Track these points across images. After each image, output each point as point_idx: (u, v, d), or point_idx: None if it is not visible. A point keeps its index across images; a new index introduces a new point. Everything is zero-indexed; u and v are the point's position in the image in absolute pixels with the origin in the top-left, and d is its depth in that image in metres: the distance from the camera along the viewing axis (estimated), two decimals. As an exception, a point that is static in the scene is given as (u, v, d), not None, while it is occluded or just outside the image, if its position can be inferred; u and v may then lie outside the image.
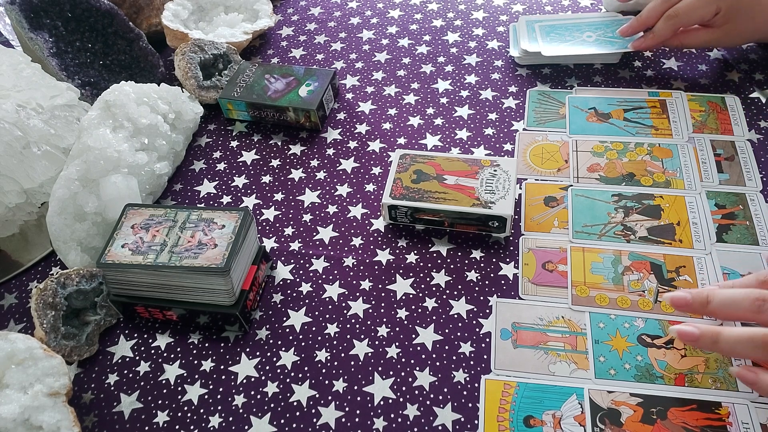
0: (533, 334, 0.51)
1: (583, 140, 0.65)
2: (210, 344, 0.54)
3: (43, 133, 0.61)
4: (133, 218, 0.55)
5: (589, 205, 0.59)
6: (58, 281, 0.53)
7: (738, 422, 0.44)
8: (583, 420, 0.45)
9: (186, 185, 0.68)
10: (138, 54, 0.77)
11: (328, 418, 0.48)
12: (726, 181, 0.59)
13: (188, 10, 0.83)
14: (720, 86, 0.69)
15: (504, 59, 0.77)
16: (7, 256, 0.64)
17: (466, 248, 0.58)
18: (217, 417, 0.49)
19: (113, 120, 0.61)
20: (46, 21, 0.70)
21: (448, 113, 0.71)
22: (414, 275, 0.56)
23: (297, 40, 0.86)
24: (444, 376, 0.50)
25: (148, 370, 0.53)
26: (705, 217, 0.56)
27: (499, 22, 0.83)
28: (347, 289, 0.56)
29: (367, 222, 0.62)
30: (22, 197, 0.61)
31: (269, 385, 0.51)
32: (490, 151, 0.66)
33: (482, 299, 0.54)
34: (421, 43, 0.82)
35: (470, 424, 0.47)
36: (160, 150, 0.65)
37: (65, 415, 0.46)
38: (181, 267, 0.50)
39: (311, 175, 0.67)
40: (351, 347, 0.52)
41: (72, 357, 0.52)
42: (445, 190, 0.57)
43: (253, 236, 0.55)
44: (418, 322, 0.53)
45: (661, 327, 0.50)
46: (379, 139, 0.70)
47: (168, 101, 0.67)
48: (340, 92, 0.76)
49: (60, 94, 0.66)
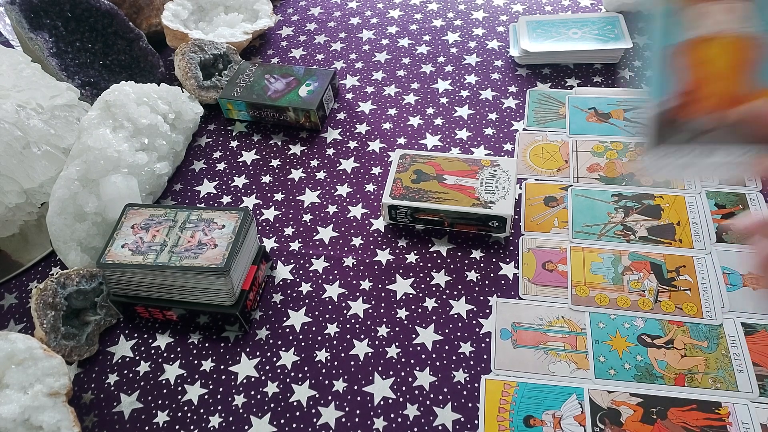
0: (533, 334, 0.51)
1: (583, 140, 0.65)
2: (210, 344, 0.54)
3: (43, 133, 0.61)
4: (133, 218, 0.55)
5: (589, 205, 0.59)
6: (58, 281, 0.53)
7: (738, 422, 0.44)
8: (583, 420, 0.45)
9: (186, 185, 0.68)
10: (138, 54, 0.77)
11: (328, 418, 0.48)
12: (726, 181, 0.59)
13: (188, 10, 0.83)
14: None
15: (504, 59, 0.77)
16: (7, 256, 0.64)
17: (466, 248, 0.58)
18: (217, 417, 0.49)
19: (113, 120, 0.61)
20: (46, 21, 0.70)
21: (448, 113, 0.71)
22: (414, 275, 0.56)
23: (297, 40, 0.86)
24: (444, 376, 0.50)
25: (148, 370, 0.53)
26: (705, 217, 0.56)
27: (499, 22, 0.83)
28: (347, 289, 0.56)
29: (367, 222, 0.62)
30: (22, 197, 0.61)
31: (269, 385, 0.51)
32: (490, 151, 0.66)
33: (482, 299, 0.54)
34: (421, 43, 0.82)
35: (470, 424, 0.47)
36: (160, 150, 0.65)
37: (65, 415, 0.46)
38: (181, 267, 0.50)
39: (311, 175, 0.67)
40: (351, 347, 0.52)
41: (72, 357, 0.52)
42: (445, 190, 0.57)
43: (253, 236, 0.55)
44: (418, 322, 0.53)
45: (661, 327, 0.50)
46: (379, 139, 0.70)
47: (168, 101, 0.67)
48: (340, 92, 0.76)
49: (60, 94, 0.66)
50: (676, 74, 0.31)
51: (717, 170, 0.32)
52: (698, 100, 0.31)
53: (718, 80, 0.30)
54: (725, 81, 0.30)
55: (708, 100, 0.31)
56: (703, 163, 0.31)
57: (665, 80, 0.31)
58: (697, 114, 0.31)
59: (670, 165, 0.32)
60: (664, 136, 0.31)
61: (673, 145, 0.31)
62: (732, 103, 0.30)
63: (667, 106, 0.31)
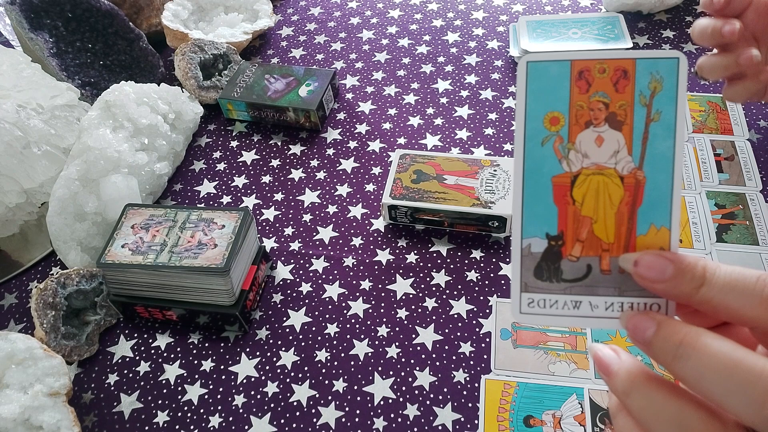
0: (533, 334, 0.51)
1: (583, 140, 0.65)
2: (210, 344, 0.54)
3: (43, 133, 0.61)
4: (133, 218, 0.55)
5: (589, 205, 0.59)
6: (58, 281, 0.53)
7: (738, 422, 0.44)
8: (583, 420, 0.45)
9: (186, 185, 0.68)
10: (138, 54, 0.77)
11: (328, 418, 0.48)
12: (726, 181, 0.59)
13: (188, 10, 0.83)
14: (720, 86, 0.69)
15: (504, 59, 0.77)
16: (7, 256, 0.64)
17: (466, 248, 0.58)
18: (217, 417, 0.49)
19: (113, 120, 0.61)
20: (46, 21, 0.70)
21: (448, 113, 0.71)
22: (414, 275, 0.56)
23: (297, 40, 0.86)
24: (444, 376, 0.50)
25: (148, 370, 0.53)
26: (705, 217, 0.56)
27: (499, 22, 0.83)
28: (347, 289, 0.56)
29: (367, 222, 0.62)
30: (22, 197, 0.61)
31: (269, 385, 0.51)
32: (490, 151, 0.66)
33: (482, 299, 0.54)
34: (421, 43, 0.82)
35: (470, 424, 0.47)
36: (160, 150, 0.65)
37: (65, 415, 0.46)
38: (181, 267, 0.50)
39: (311, 175, 0.67)
40: (351, 347, 0.52)
41: (72, 357, 0.52)
42: (445, 190, 0.57)
43: (253, 236, 0.55)
44: (418, 322, 0.53)
45: (661, 327, 0.50)
46: (379, 139, 0.70)
47: (168, 101, 0.67)
48: (340, 92, 0.76)
49: (60, 94, 0.66)
50: (558, 209, 0.27)
51: (584, 323, 0.28)
52: (573, 241, 0.27)
53: (595, 221, 0.27)
54: (600, 223, 0.27)
55: (583, 242, 0.27)
56: (570, 314, 0.28)
57: (548, 214, 0.28)
58: (570, 256, 0.28)
59: (537, 313, 0.28)
60: (538, 277, 0.28)
61: (544, 292, 0.28)
62: (610, 248, 0.27)
63: (547, 243, 0.28)
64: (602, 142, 0.27)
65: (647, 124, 0.26)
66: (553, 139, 0.27)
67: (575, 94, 0.27)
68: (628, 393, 0.25)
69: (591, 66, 0.27)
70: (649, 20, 0.79)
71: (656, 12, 0.79)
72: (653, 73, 0.26)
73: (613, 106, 0.27)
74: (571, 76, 0.27)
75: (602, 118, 0.27)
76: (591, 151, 0.27)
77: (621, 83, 0.26)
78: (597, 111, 0.27)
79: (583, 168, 0.27)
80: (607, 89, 0.27)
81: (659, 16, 0.79)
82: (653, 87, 0.26)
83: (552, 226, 0.28)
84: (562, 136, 0.27)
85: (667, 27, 0.78)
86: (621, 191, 0.27)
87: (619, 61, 0.26)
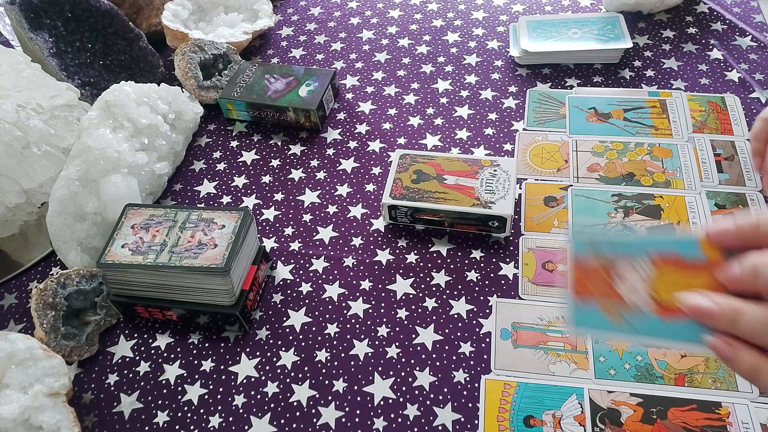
0: (533, 334, 0.51)
1: (583, 140, 0.65)
2: (210, 344, 0.54)
3: (43, 133, 0.61)
4: (133, 218, 0.55)
5: (589, 205, 0.59)
6: (58, 281, 0.53)
7: (738, 422, 0.44)
8: (583, 420, 0.45)
9: (186, 185, 0.68)
10: (138, 54, 0.77)
11: (328, 418, 0.48)
12: (726, 181, 0.59)
13: (188, 10, 0.83)
14: (720, 86, 0.69)
15: (504, 59, 0.77)
16: (7, 256, 0.64)
17: (466, 248, 0.58)
18: (217, 417, 0.49)
19: (113, 120, 0.61)
20: (46, 21, 0.70)
21: (448, 113, 0.71)
22: (414, 275, 0.56)
23: (297, 40, 0.86)
24: (444, 376, 0.50)
25: (148, 370, 0.53)
26: (705, 217, 0.56)
27: (499, 22, 0.83)
28: (347, 289, 0.56)
29: (367, 222, 0.62)
30: (22, 197, 0.61)
31: (269, 385, 0.51)
32: (490, 151, 0.66)
33: (482, 299, 0.54)
34: (421, 43, 0.82)
35: (470, 424, 0.47)
36: (160, 150, 0.65)
37: (65, 415, 0.46)
38: (181, 267, 0.50)
39: (311, 175, 0.67)
40: (351, 347, 0.52)
41: (72, 357, 0.52)
42: (445, 190, 0.57)
43: (253, 236, 0.55)
44: (418, 322, 0.53)
45: (661, 327, 0.50)
46: (379, 139, 0.70)
47: (168, 101, 0.67)
48: (340, 92, 0.76)
49: (60, 94, 0.65)
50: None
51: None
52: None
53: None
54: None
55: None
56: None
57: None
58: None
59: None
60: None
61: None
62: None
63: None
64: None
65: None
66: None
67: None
68: (737, 320, 0.30)
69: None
70: (649, 20, 0.79)
71: (656, 12, 0.79)
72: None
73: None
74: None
75: None
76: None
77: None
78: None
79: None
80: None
81: (659, 16, 0.79)
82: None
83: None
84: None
85: (667, 27, 0.78)
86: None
87: None
